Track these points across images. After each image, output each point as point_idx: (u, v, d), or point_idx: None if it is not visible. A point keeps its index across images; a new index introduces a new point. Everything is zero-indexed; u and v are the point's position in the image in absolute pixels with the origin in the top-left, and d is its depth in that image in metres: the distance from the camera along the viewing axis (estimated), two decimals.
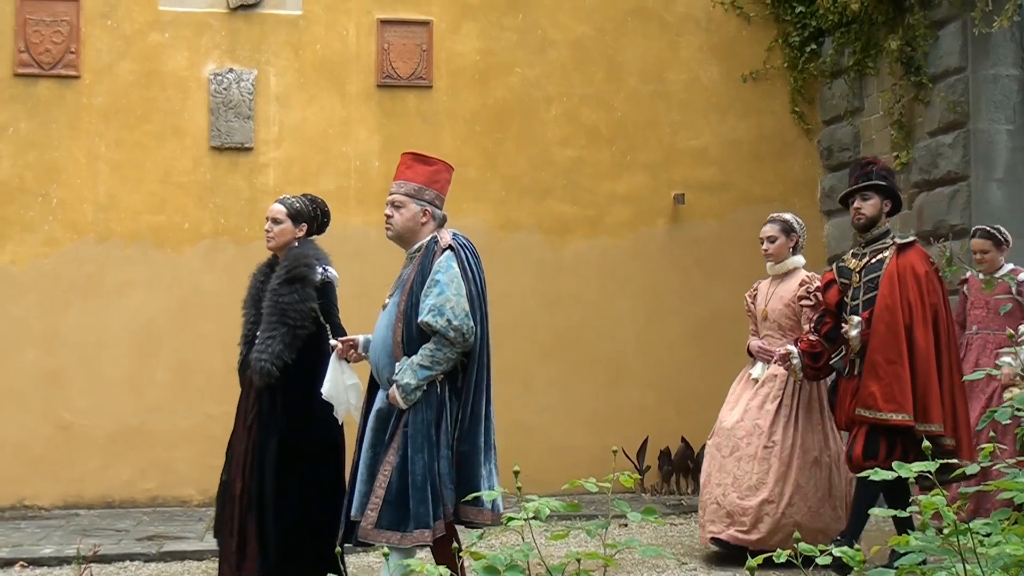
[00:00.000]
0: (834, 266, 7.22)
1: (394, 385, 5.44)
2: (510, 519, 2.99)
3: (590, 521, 3.63)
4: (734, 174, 11.39)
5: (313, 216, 6.90)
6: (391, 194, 5.86)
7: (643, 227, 11.25)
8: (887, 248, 6.81)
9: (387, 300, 5.79)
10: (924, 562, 3.14)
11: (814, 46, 11.33)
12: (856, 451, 6.62)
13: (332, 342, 6.14)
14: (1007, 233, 8.33)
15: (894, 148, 10.24)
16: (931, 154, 9.75)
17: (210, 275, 10.57)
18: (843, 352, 6.98)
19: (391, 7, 11.00)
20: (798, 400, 7.37)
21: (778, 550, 3.00)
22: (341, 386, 5.99)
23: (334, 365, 6.03)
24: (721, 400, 7.93)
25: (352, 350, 6.01)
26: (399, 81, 10.98)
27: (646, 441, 10.54)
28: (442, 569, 2.81)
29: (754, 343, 7.67)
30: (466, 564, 4.68)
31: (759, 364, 7.58)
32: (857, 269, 6.87)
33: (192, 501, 10.38)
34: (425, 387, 5.42)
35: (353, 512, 5.51)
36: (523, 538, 2.99)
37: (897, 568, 2.98)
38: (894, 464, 2.97)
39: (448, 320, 5.43)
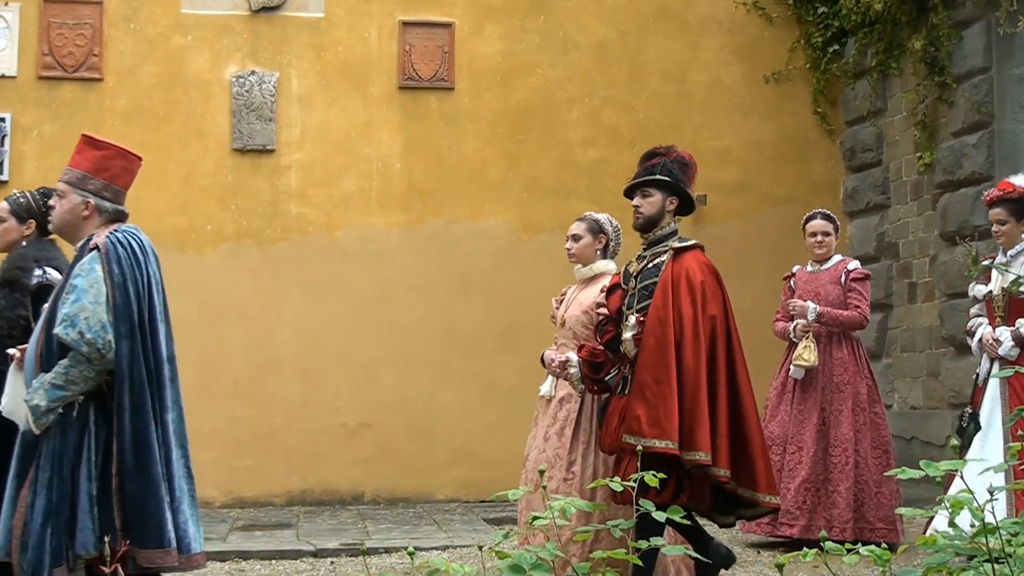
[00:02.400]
0: (623, 270, 6.25)
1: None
2: (536, 518, 2.99)
3: (615, 521, 3.61)
4: (756, 175, 11.35)
5: (44, 212, 5.93)
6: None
7: None
8: (666, 252, 5.90)
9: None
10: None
11: (837, 46, 11.28)
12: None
13: (11, 351, 5.22)
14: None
15: (917, 149, 10.19)
16: (955, 155, 9.70)
17: (232, 277, 10.60)
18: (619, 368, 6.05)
19: (413, 9, 11.01)
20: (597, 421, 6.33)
21: (804, 548, 2.99)
22: (22, 401, 4.89)
23: (13, 377, 5.10)
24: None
25: None
26: (421, 83, 10.99)
27: None
28: (468, 567, 2.80)
29: (547, 354, 6.55)
30: None
31: (549, 379, 6.64)
32: (635, 274, 5.96)
33: (215, 503, 10.41)
34: (61, 410, 4.73)
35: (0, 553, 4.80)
36: (548, 537, 2.98)
37: (924, 568, 2.96)
38: (921, 463, 2.93)
39: (80, 332, 4.69)
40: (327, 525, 9.44)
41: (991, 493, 2.88)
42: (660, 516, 3.16)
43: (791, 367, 7.97)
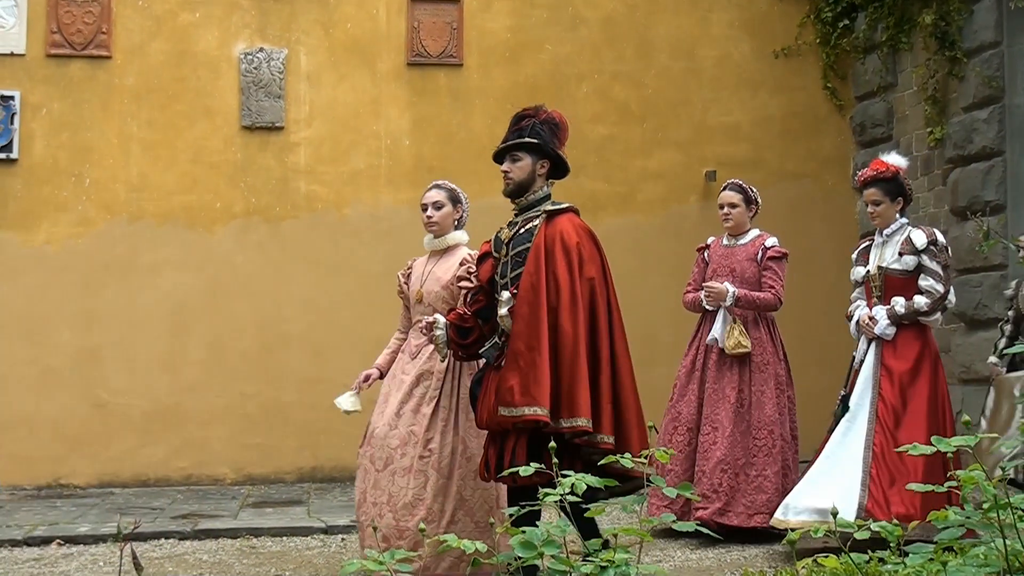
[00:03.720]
0: (494, 237, 5.99)
1: None
2: (547, 495, 2.99)
3: (626, 497, 3.63)
4: (766, 151, 11.33)
5: None
6: None
7: (675, 204, 11.22)
8: (538, 217, 5.66)
9: None
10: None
11: (847, 21, 11.23)
12: (519, 464, 4.92)
13: None
14: (757, 194, 8.10)
15: (928, 124, 10.16)
16: (965, 129, 9.66)
17: (242, 254, 10.61)
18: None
19: None
20: (457, 399, 6.15)
21: (816, 525, 2.99)
22: None
23: None
24: None
25: None
26: (429, 59, 10.97)
27: None
28: (479, 544, 2.81)
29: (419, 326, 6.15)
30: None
31: (347, 394, 6.47)
32: (506, 240, 5.72)
33: (226, 479, 10.45)
34: None
35: None
36: (559, 514, 2.99)
37: (936, 543, 2.97)
38: (933, 439, 2.93)
39: None
40: (338, 502, 9.46)
41: (1003, 469, 2.88)
42: (670, 492, 3.15)
43: (726, 350, 7.64)
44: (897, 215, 7.24)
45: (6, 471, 10.13)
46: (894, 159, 7.33)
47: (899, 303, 7.03)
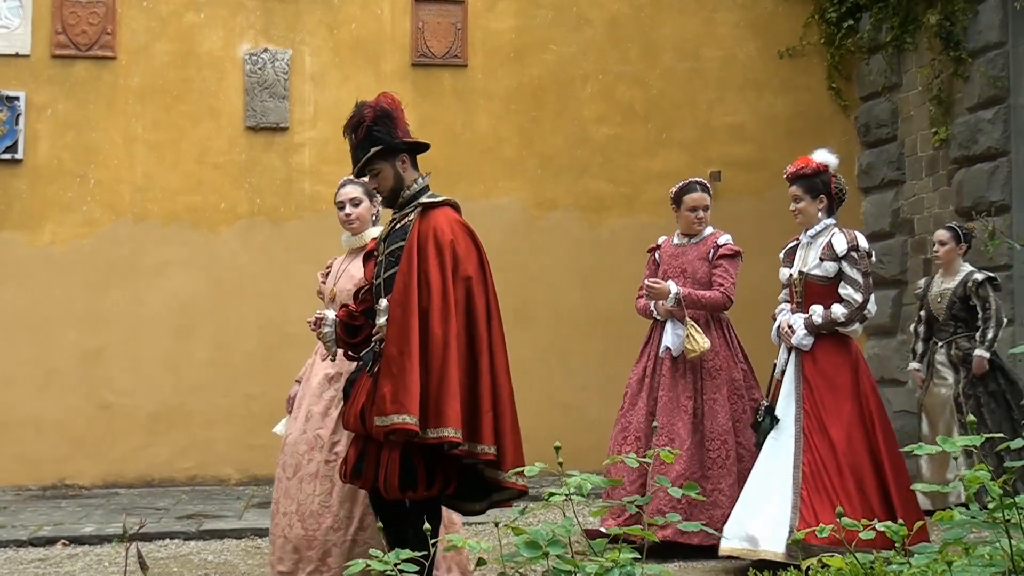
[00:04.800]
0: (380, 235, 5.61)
1: None
2: (551, 495, 2.98)
3: (630, 497, 3.62)
4: (771, 151, 11.31)
5: None
6: None
7: None
8: (414, 212, 5.25)
9: None
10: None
11: (851, 21, 11.23)
12: (392, 479, 4.92)
13: None
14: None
15: (933, 124, 10.15)
16: (970, 130, 9.65)
17: (246, 255, 10.62)
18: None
19: None
20: None
21: (821, 524, 2.99)
22: None
23: None
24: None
25: None
26: (434, 60, 10.98)
27: None
28: (484, 543, 2.81)
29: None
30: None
31: (283, 420, 6.27)
32: (383, 238, 5.40)
33: (231, 480, 10.45)
34: None
35: None
36: (564, 514, 2.99)
37: (941, 543, 2.96)
38: (939, 439, 2.93)
39: None
40: None
41: (1005, 470, 2.88)
42: (676, 492, 3.15)
43: (684, 353, 7.22)
44: (821, 215, 6.84)
45: (11, 471, 10.14)
46: (821, 156, 6.96)
47: (816, 312, 6.68)
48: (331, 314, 5.50)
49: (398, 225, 5.26)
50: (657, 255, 7.69)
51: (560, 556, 2.86)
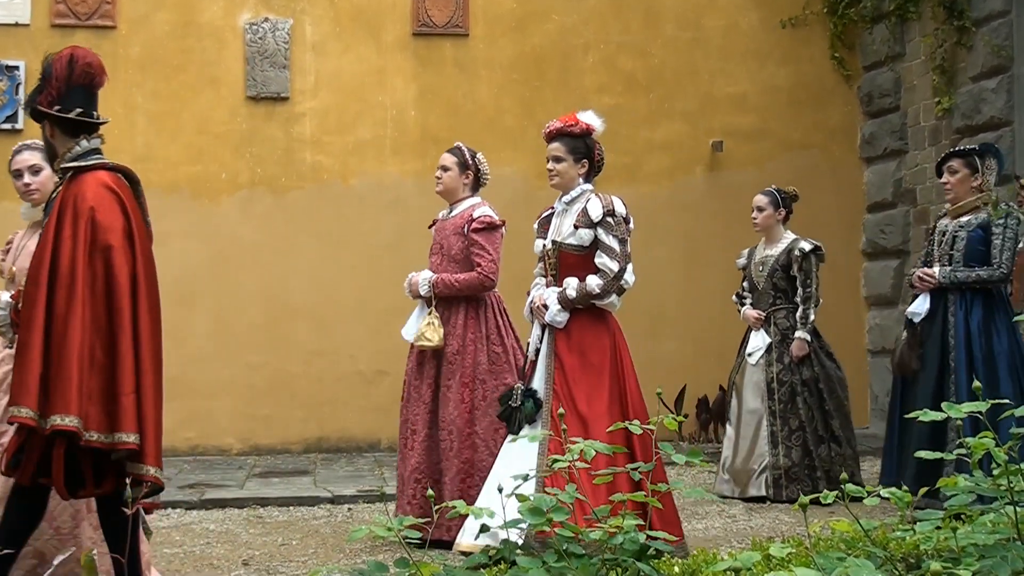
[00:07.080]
0: None
1: None
2: (555, 461, 2.99)
3: (634, 464, 3.62)
4: (773, 121, 11.29)
5: None
6: None
7: (681, 175, 11.19)
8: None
9: None
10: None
11: None
12: (57, 479, 4.42)
13: None
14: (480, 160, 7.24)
15: (936, 94, 10.12)
16: (974, 99, 9.62)
17: (247, 225, 10.61)
18: None
19: None
20: None
21: (825, 491, 2.99)
22: None
23: None
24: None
25: None
26: (435, 29, 10.94)
27: (684, 389, 10.50)
28: (488, 509, 2.80)
29: None
30: None
31: None
32: (44, 208, 4.87)
33: (232, 450, 10.47)
34: None
35: None
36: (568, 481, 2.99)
37: (946, 509, 2.96)
38: (944, 405, 2.92)
39: None
40: (344, 472, 9.48)
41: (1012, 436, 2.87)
42: (679, 458, 3.15)
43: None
44: (580, 180, 6.20)
45: None
46: (589, 117, 6.27)
47: (571, 285, 6.01)
48: (5, 296, 4.88)
49: (54, 194, 4.76)
50: (433, 230, 7.13)
51: (564, 523, 2.87)
